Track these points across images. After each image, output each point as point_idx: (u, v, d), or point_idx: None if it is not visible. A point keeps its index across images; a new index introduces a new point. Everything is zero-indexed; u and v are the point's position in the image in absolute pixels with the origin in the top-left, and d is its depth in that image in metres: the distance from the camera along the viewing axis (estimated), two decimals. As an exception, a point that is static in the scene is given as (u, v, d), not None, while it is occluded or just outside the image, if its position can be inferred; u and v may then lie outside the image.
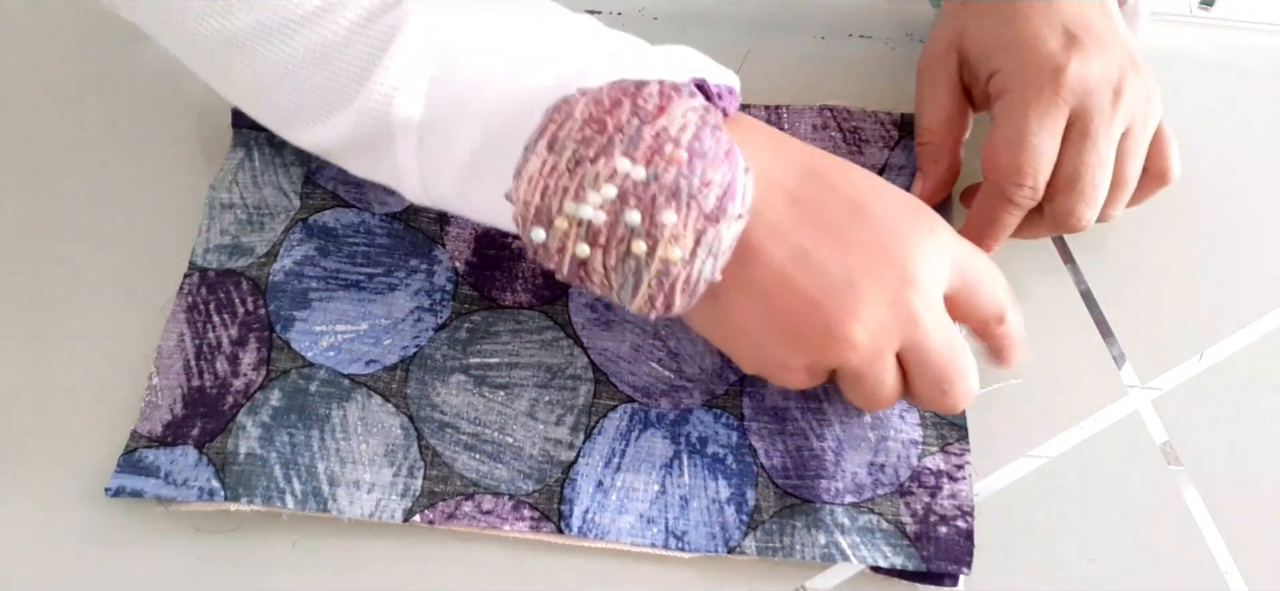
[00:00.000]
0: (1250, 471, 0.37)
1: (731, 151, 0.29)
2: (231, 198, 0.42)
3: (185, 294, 0.40)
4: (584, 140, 0.28)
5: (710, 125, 0.29)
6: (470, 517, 0.35)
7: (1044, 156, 0.37)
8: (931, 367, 0.32)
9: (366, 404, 0.37)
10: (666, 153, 0.28)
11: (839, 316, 0.31)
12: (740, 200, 0.29)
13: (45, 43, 0.47)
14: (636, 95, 0.29)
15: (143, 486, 0.35)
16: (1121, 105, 0.37)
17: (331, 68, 0.32)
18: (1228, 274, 0.42)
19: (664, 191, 0.28)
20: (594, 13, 0.48)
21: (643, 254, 0.29)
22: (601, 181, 0.28)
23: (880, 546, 0.35)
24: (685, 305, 0.31)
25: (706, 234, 0.29)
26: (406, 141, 0.32)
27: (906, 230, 0.32)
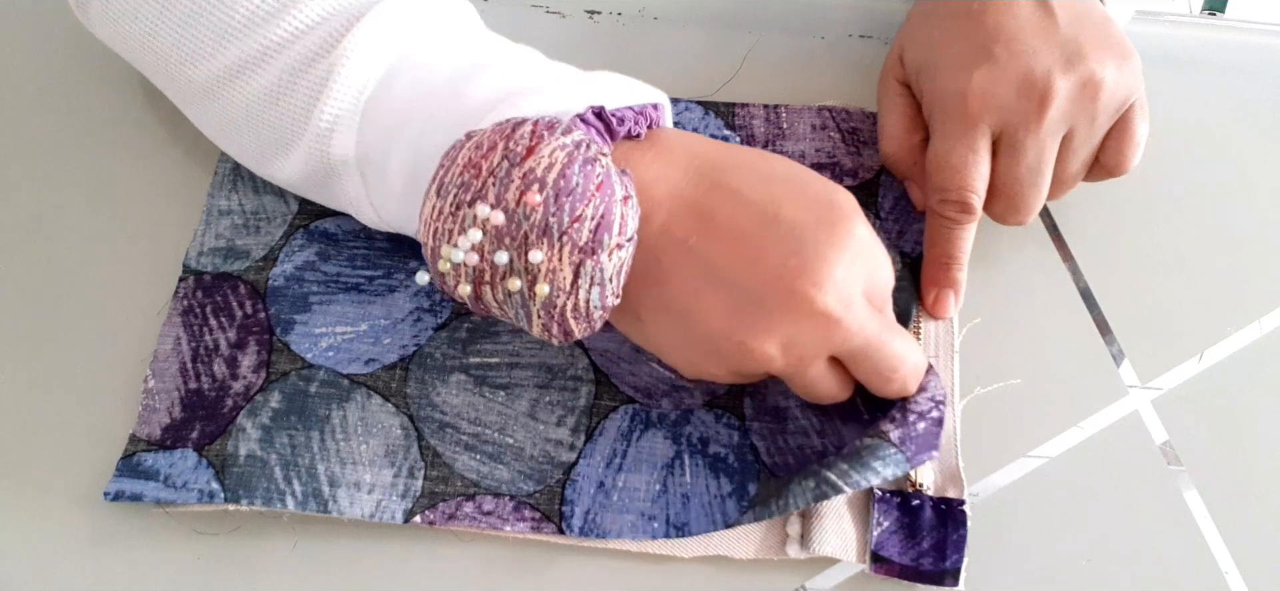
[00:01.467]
0: (1250, 471, 0.37)
1: (604, 183, 0.30)
2: (230, 203, 0.42)
3: (180, 298, 0.40)
4: (463, 184, 0.29)
5: (581, 160, 0.29)
6: (471, 518, 0.35)
7: (963, 173, 0.38)
8: (866, 363, 0.33)
9: (366, 404, 0.37)
10: (528, 197, 0.29)
11: (752, 333, 0.31)
12: (617, 230, 0.29)
13: (42, 44, 0.47)
14: (510, 137, 0.30)
15: (142, 490, 0.35)
16: (1051, 110, 0.37)
17: (282, 107, 0.35)
18: (1228, 274, 0.42)
19: (533, 228, 0.29)
20: (594, 13, 0.49)
21: (521, 289, 0.30)
22: (470, 225, 0.29)
23: (869, 464, 0.33)
24: (587, 329, 0.31)
25: (585, 265, 0.29)
26: (350, 176, 0.35)
27: (819, 235, 0.31)
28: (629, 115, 0.33)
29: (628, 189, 0.30)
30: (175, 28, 0.35)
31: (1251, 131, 0.46)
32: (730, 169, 0.33)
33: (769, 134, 0.44)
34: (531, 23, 0.48)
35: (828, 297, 0.31)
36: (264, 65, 0.34)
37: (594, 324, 0.31)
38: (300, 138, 0.35)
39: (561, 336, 0.31)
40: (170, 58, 0.36)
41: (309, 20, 0.34)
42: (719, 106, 0.45)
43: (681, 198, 0.32)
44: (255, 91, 0.35)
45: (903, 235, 0.42)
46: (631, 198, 0.30)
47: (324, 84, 0.34)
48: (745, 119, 0.45)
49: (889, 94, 0.42)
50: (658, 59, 0.47)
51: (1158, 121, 0.43)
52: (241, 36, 0.34)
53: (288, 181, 0.37)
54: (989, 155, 0.38)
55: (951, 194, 0.38)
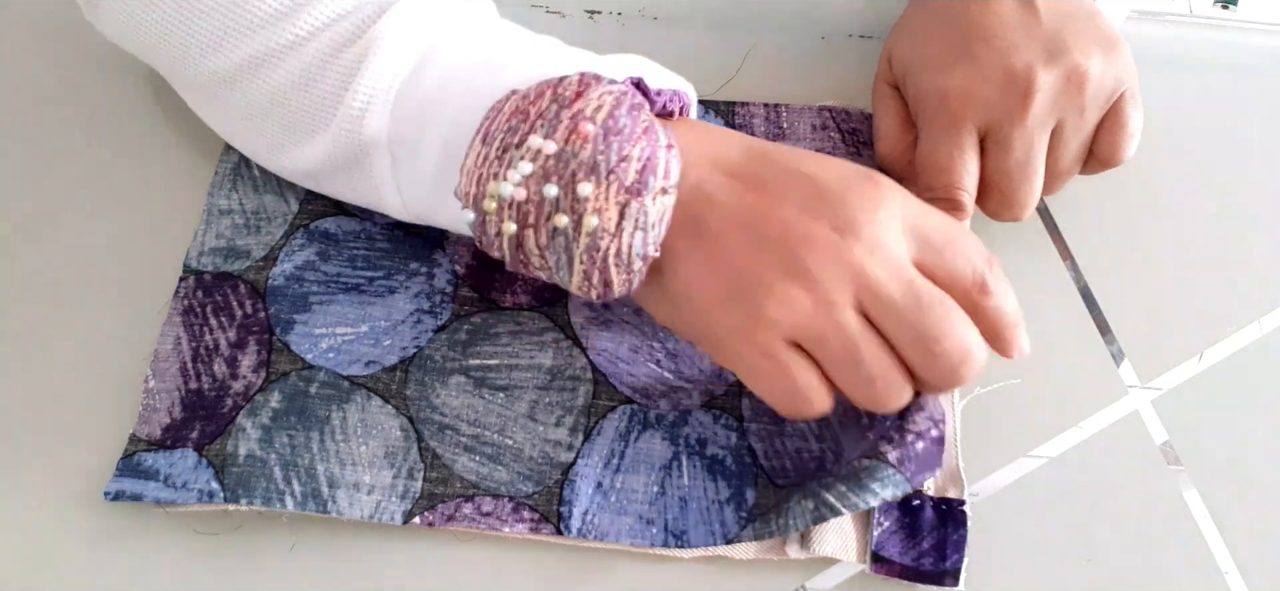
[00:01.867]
0: (1250, 471, 0.37)
1: (650, 129, 0.30)
2: (230, 203, 0.42)
3: (181, 297, 0.40)
4: (510, 129, 0.30)
5: (628, 105, 0.30)
6: (470, 519, 0.35)
7: (950, 171, 0.38)
8: (903, 320, 0.30)
9: (366, 405, 0.37)
10: (579, 130, 0.29)
11: (773, 270, 0.31)
12: (662, 174, 0.30)
13: (42, 43, 0.47)
14: (558, 85, 0.30)
15: (142, 489, 0.35)
16: (1034, 104, 0.37)
17: (312, 92, 0.35)
18: (1228, 274, 0.42)
19: (582, 166, 0.29)
20: (594, 13, 0.49)
21: (567, 226, 0.30)
22: (519, 160, 0.30)
23: (867, 485, 0.33)
24: (625, 283, 0.31)
25: (630, 207, 0.30)
26: (380, 158, 0.35)
27: (848, 188, 0.31)
28: (666, 93, 0.33)
29: (671, 139, 0.31)
30: (195, 20, 0.35)
31: (1251, 131, 0.46)
32: (761, 143, 0.34)
33: (769, 134, 0.44)
34: (531, 23, 0.48)
35: (850, 239, 0.30)
36: (292, 53, 0.34)
37: (633, 276, 0.31)
38: (329, 122, 0.35)
39: (601, 288, 0.31)
40: (189, 49, 0.36)
41: (337, 10, 0.34)
42: (719, 106, 0.45)
43: (712, 158, 0.32)
44: (281, 79, 0.35)
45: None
46: (675, 147, 0.31)
47: (357, 66, 0.34)
48: (745, 118, 0.45)
49: (881, 96, 0.43)
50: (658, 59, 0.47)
51: (1158, 121, 0.43)
52: (268, 27, 0.34)
53: (304, 170, 0.37)
54: (976, 152, 0.38)
55: (939, 192, 0.38)
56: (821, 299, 0.30)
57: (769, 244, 0.31)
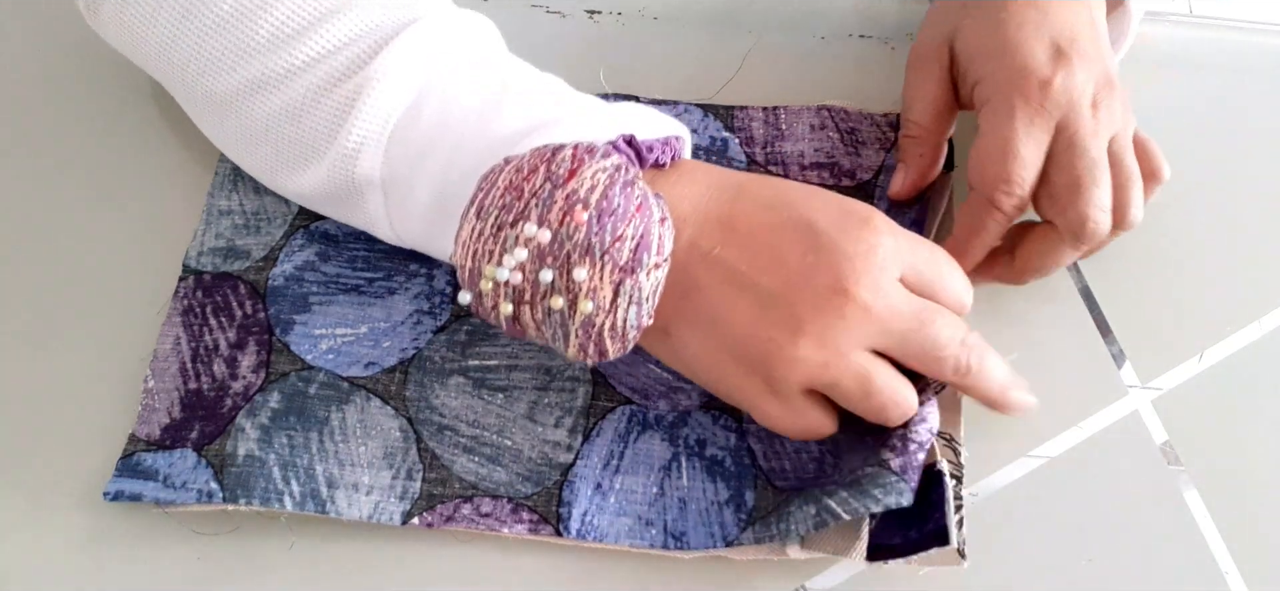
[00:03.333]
0: (1250, 471, 0.37)
1: (643, 204, 0.30)
2: (230, 204, 0.42)
3: (180, 297, 0.40)
4: (504, 206, 0.30)
5: (621, 182, 0.30)
6: (469, 520, 0.35)
7: (1029, 164, 0.37)
8: (908, 345, 0.32)
9: (366, 406, 0.37)
10: (574, 214, 0.29)
11: (781, 331, 0.32)
12: (655, 250, 0.30)
13: (42, 44, 0.47)
14: (551, 160, 0.30)
15: (141, 489, 0.35)
16: (1100, 116, 0.37)
17: (305, 124, 0.35)
18: (1228, 274, 0.42)
19: (577, 249, 0.30)
20: (594, 13, 0.49)
21: (562, 308, 0.30)
22: (515, 245, 0.30)
23: (869, 492, 0.33)
24: (620, 350, 0.31)
25: (624, 284, 0.30)
26: (373, 194, 0.35)
27: (839, 232, 0.32)
28: (658, 147, 0.34)
29: (664, 211, 0.31)
30: (194, 39, 0.36)
31: (1251, 131, 0.45)
32: (749, 183, 0.34)
33: (768, 135, 0.44)
34: (531, 22, 0.48)
35: (852, 286, 0.31)
36: (288, 82, 0.35)
37: (628, 343, 0.31)
38: (323, 155, 0.35)
39: (596, 356, 0.32)
40: (187, 69, 0.37)
41: (335, 41, 0.34)
42: (718, 109, 0.45)
43: (705, 211, 0.33)
44: (277, 106, 0.35)
45: (902, 235, 0.42)
46: (668, 219, 0.31)
47: (351, 104, 0.34)
48: (744, 120, 0.45)
49: (924, 64, 0.42)
50: (658, 59, 0.47)
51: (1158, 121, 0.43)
52: (265, 53, 0.35)
53: (302, 195, 0.37)
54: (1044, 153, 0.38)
55: (1013, 186, 0.37)
56: (832, 352, 0.32)
57: (772, 304, 0.32)
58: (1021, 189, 0.37)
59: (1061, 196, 0.37)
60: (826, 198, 0.33)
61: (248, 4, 0.35)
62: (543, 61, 0.46)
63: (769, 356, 0.32)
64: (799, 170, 0.43)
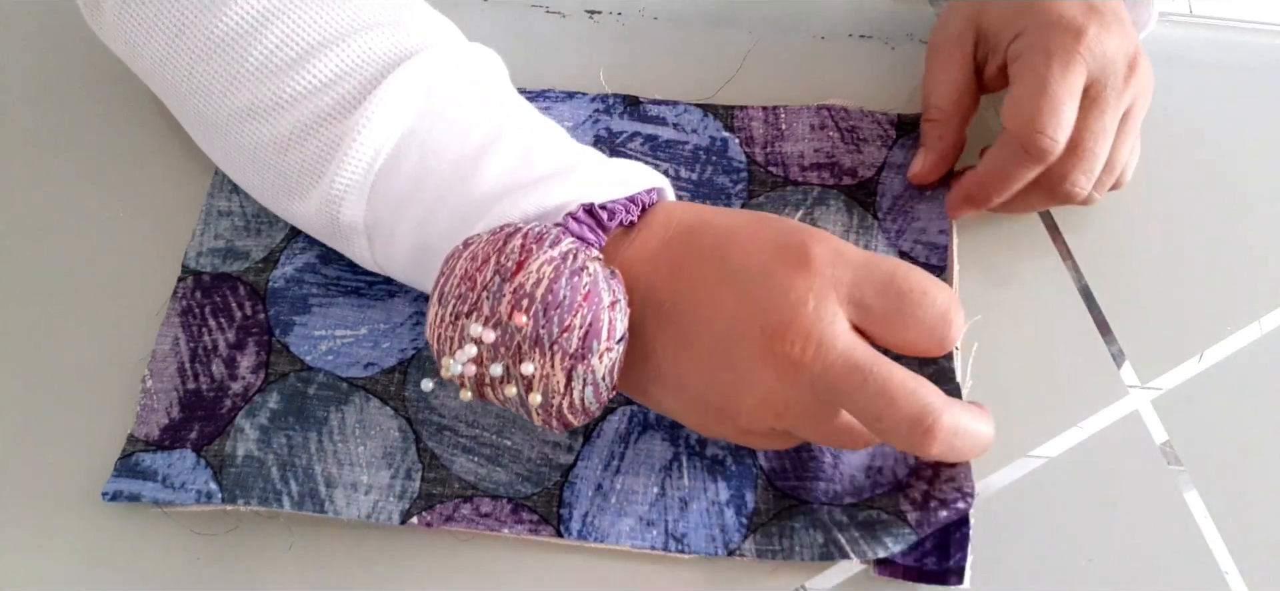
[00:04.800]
0: (1250, 471, 0.37)
1: (591, 293, 0.30)
2: (230, 204, 0.42)
3: (179, 298, 0.40)
4: (459, 296, 0.31)
5: (568, 272, 0.30)
6: (468, 520, 0.35)
7: (1065, 110, 0.37)
8: (852, 402, 0.30)
9: (365, 407, 0.37)
10: (516, 316, 0.30)
11: (729, 389, 0.31)
12: (605, 336, 0.30)
13: (43, 44, 0.47)
14: (502, 250, 0.31)
15: (140, 490, 0.35)
16: (1133, 81, 0.38)
17: (289, 160, 0.35)
18: (1228, 274, 0.42)
19: (526, 341, 0.30)
20: (594, 13, 0.49)
21: (516, 396, 0.31)
22: (465, 340, 0.31)
23: (881, 538, 0.34)
24: (586, 419, 0.32)
25: (577, 370, 0.30)
26: (357, 238, 0.35)
27: (765, 281, 0.31)
28: (620, 208, 0.33)
29: (615, 294, 0.31)
30: (186, 60, 0.36)
31: (1251, 131, 0.45)
32: (698, 229, 0.33)
33: (768, 135, 0.44)
34: (531, 23, 0.48)
35: (782, 344, 0.30)
36: (275, 115, 0.35)
37: (593, 414, 0.32)
38: (309, 193, 0.35)
39: (562, 428, 0.32)
40: (179, 88, 0.36)
41: (325, 76, 0.34)
42: (718, 109, 0.45)
43: (656, 264, 0.33)
44: (265, 137, 0.35)
45: (902, 234, 0.42)
46: (619, 301, 0.31)
47: (336, 148, 0.34)
48: (744, 121, 0.44)
49: (946, 49, 0.42)
50: (658, 59, 0.47)
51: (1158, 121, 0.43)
52: (253, 82, 0.35)
53: (294, 221, 0.37)
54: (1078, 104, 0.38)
55: (1047, 128, 0.37)
56: (778, 404, 0.31)
57: (717, 361, 0.31)
58: (1055, 133, 0.37)
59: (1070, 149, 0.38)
60: (764, 237, 0.32)
61: (242, 26, 0.34)
62: (543, 61, 0.46)
63: (727, 409, 0.32)
64: (799, 170, 0.43)
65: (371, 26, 0.35)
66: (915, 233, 0.42)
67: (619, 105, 0.45)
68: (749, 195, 0.42)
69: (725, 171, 0.43)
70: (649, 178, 0.36)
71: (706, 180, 0.43)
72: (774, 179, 0.43)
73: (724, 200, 0.42)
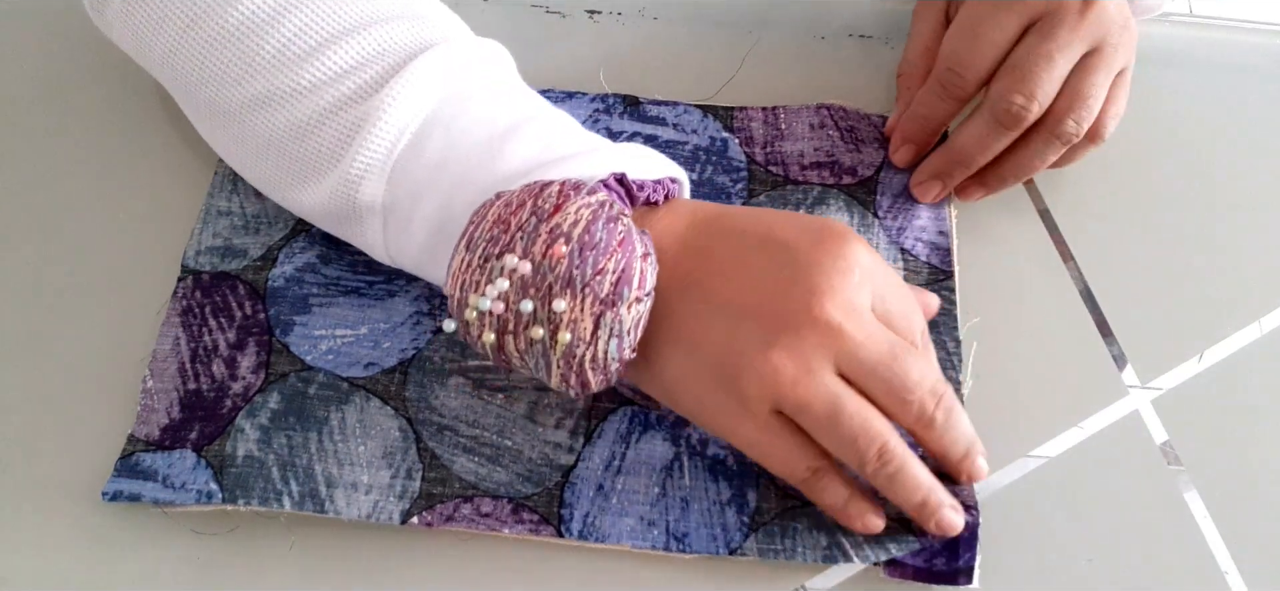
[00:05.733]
0: (1250, 471, 0.37)
1: (627, 238, 0.31)
2: (229, 204, 0.42)
3: (179, 297, 0.40)
4: (491, 238, 0.31)
5: (604, 218, 0.31)
6: (469, 520, 0.35)
7: (981, 43, 0.38)
8: (877, 375, 0.32)
9: (365, 407, 0.37)
10: (555, 248, 0.30)
11: (752, 345, 0.31)
12: (637, 284, 0.31)
13: (44, 43, 0.47)
14: (539, 195, 0.31)
15: (140, 490, 0.35)
16: (1090, 17, 0.37)
17: (309, 144, 0.35)
18: (1228, 274, 0.42)
19: (558, 281, 0.30)
20: (594, 13, 0.49)
21: (542, 338, 0.31)
22: (498, 275, 0.30)
23: (884, 542, 0.34)
24: (603, 381, 0.32)
25: (605, 317, 0.30)
26: (372, 220, 0.35)
27: (813, 247, 0.32)
28: (649, 185, 0.34)
29: (647, 247, 0.32)
30: (200, 49, 0.36)
31: (1251, 131, 0.45)
32: (729, 212, 0.34)
33: (767, 135, 0.44)
34: (531, 22, 0.48)
35: (826, 303, 0.31)
36: (294, 101, 0.35)
37: (610, 376, 0.32)
38: (326, 176, 0.35)
39: (578, 387, 0.32)
40: (190, 78, 0.36)
41: (344, 65, 0.34)
42: (717, 109, 0.45)
43: (683, 242, 0.33)
44: (280, 124, 0.35)
45: (902, 232, 0.42)
46: (651, 255, 0.31)
47: (357, 130, 0.34)
48: (743, 121, 0.45)
49: (924, 11, 0.44)
50: (658, 59, 0.47)
51: (1158, 121, 0.43)
52: (269, 71, 0.35)
53: (302, 210, 0.37)
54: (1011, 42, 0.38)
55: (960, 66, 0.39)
56: (801, 369, 0.31)
57: (745, 319, 0.32)
58: (974, 72, 0.39)
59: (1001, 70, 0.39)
60: (804, 219, 0.33)
61: (255, 18, 0.35)
62: (543, 61, 0.46)
63: (740, 372, 0.32)
64: (799, 169, 0.43)
65: (390, 18, 0.35)
66: (916, 232, 0.42)
67: (619, 105, 0.45)
68: (749, 194, 0.43)
69: (725, 171, 0.43)
70: (672, 167, 0.36)
71: (706, 180, 0.43)
72: (774, 178, 0.43)
73: (724, 200, 0.42)
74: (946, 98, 0.40)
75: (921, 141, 0.42)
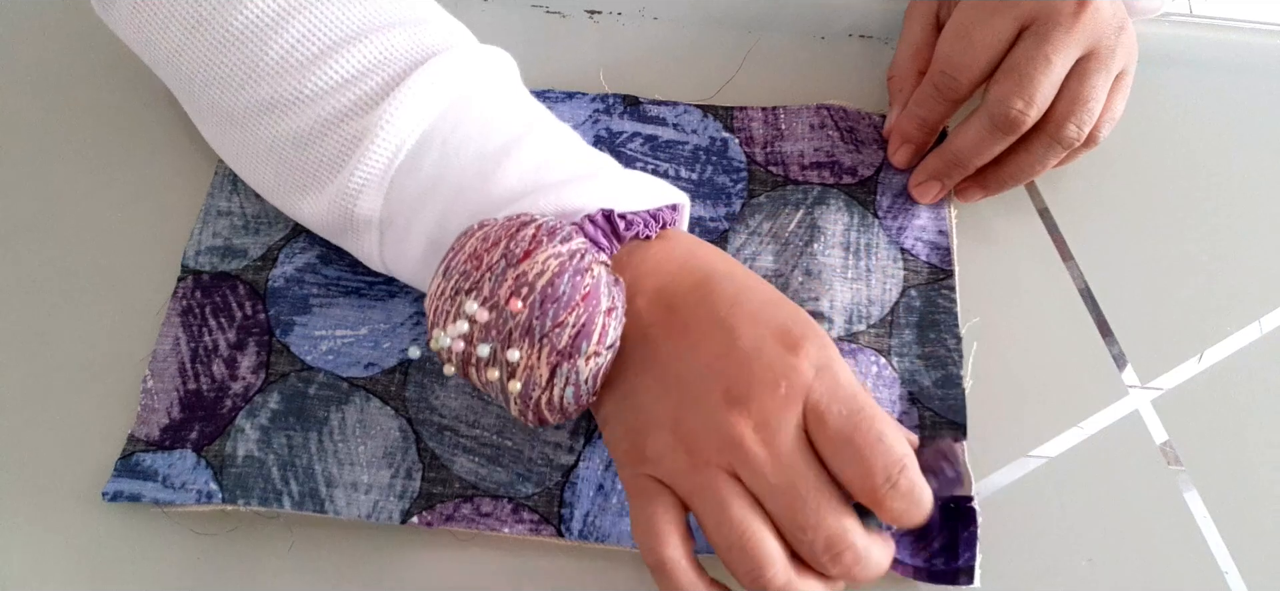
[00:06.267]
0: (1250, 471, 0.37)
1: (590, 294, 0.30)
2: (230, 205, 0.42)
3: (179, 297, 0.40)
4: (463, 273, 0.31)
5: (571, 271, 0.30)
6: (469, 520, 0.35)
7: (975, 46, 0.38)
8: (775, 500, 0.29)
9: (365, 407, 0.37)
10: (513, 302, 0.30)
11: (662, 419, 0.31)
12: (597, 339, 0.30)
13: (45, 43, 0.47)
14: (513, 237, 0.31)
15: (140, 490, 0.35)
16: (1084, 18, 0.37)
17: (308, 155, 0.35)
18: (1228, 274, 0.42)
19: (517, 329, 0.30)
20: (594, 13, 0.49)
21: (497, 380, 0.31)
22: (458, 317, 0.31)
23: None
24: (563, 419, 0.32)
25: (562, 367, 0.30)
26: (369, 233, 0.35)
27: (755, 347, 0.30)
28: (638, 221, 0.34)
29: (614, 301, 0.31)
30: (204, 51, 0.35)
31: (1251, 131, 0.45)
32: (715, 277, 0.33)
33: (767, 135, 0.44)
34: (531, 23, 0.48)
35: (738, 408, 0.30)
36: (296, 110, 0.34)
37: (569, 416, 0.32)
38: (324, 187, 0.35)
39: (536, 422, 0.32)
40: (195, 79, 0.36)
41: (346, 73, 0.34)
42: (717, 110, 0.45)
43: (662, 289, 0.33)
44: (283, 132, 0.35)
45: (903, 232, 0.42)
46: (617, 309, 0.31)
47: (357, 144, 0.34)
48: (743, 121, 0.44)
49: (914, 13, 0.44)
50: (658, 59, 0.47)
51: (1158, 121, 0.43)
52: (273, 77, 0.34)
53: (302, 219, 0.37)
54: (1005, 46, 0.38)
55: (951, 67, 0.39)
56: (698, 459, 0.30)
57: (668, 391, 0.31)
58: (970, 75, 0.39)
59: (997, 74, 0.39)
60: (774, 316, 0.31)
61: (260, 22, 0.34)
62: (543, 61, 0.46)
63: (646, 432, 0.31)
64: (799, 169, 0.43)
65: (392, 25, 0.35)
66: (916, 231, 0.42)
67: (619, 105, 0.45)
68: (749, 195, 0.43)
69: (725, 171, 0.43)
70: (670, 193, 0.36)
71: (706, 180, 0.43)
72: (774, 178, 0.43)
73: (724, 200, 0.42)
74: (941, 100, 0.40)
75: (919, 142, 0.42)
